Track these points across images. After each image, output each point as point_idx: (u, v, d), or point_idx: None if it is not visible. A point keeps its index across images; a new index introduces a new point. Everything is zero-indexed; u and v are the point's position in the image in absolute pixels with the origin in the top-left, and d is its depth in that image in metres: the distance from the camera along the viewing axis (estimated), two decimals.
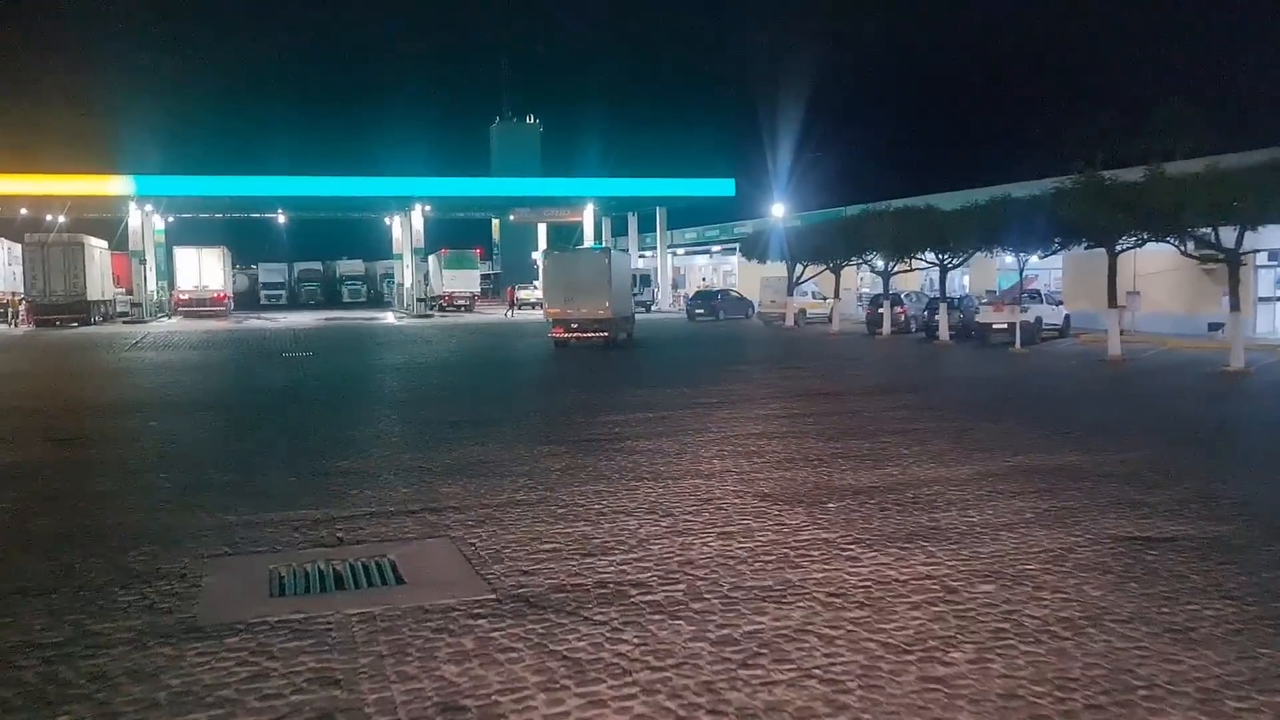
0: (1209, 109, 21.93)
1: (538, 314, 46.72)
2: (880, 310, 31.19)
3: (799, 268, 35.32)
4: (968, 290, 35.13)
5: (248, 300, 75.09)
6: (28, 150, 49.47)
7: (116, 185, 39.91)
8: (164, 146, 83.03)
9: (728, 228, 54.93)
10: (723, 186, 52.64)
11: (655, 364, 23.13)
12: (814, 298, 38.62)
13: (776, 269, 40.93)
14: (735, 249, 55.80)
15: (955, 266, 27.78)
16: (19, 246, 39.10)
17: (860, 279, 43.56)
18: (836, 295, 34.00)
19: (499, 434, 12.09)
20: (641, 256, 60.37)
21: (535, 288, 62.68)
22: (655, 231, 58.01)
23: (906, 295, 32.06)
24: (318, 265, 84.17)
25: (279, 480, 9.45)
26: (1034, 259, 26.71)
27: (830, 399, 15.29)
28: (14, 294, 39.32)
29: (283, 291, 78.31)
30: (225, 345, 30.04)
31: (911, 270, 31.41)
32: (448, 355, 26.15)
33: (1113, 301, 21.17)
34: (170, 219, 53.72)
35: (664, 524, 7.55)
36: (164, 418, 14.26)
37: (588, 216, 53.23)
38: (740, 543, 7.00)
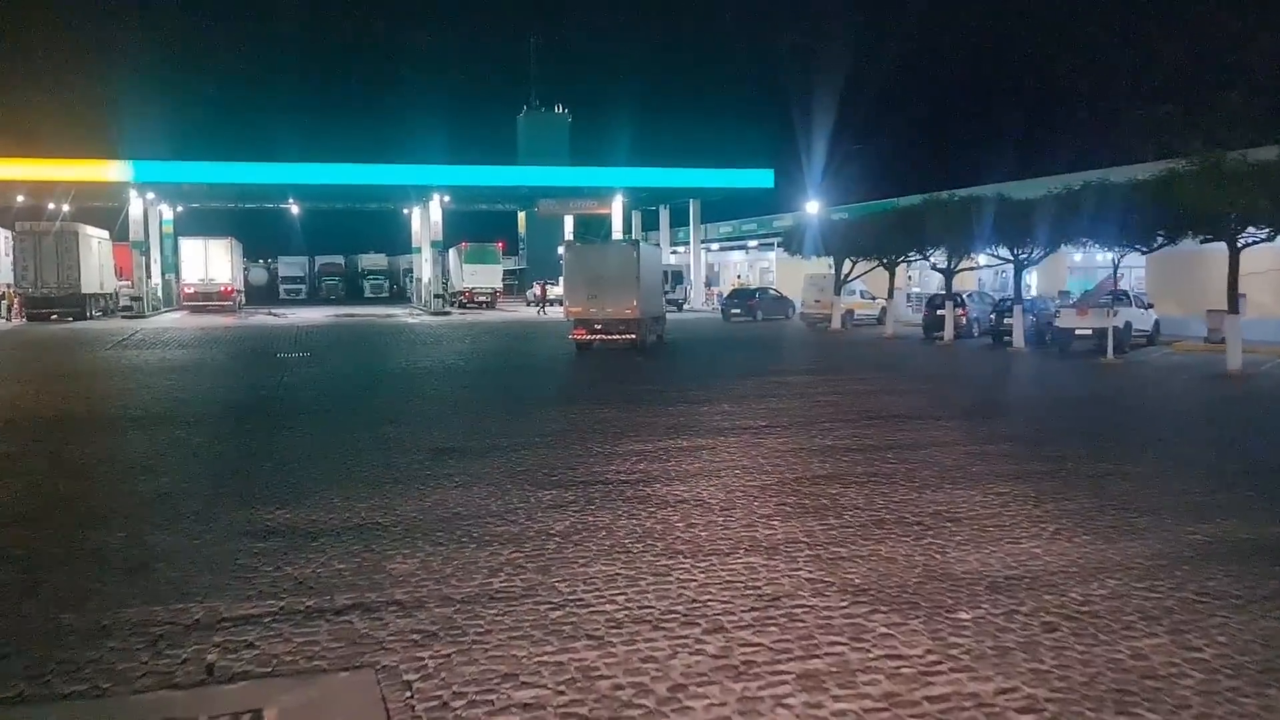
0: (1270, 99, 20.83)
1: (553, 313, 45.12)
2: (940, 312, 28.32)
3: (847, 264, 32.46)
4: (1034, 290, 32.14)
5: (267, 295, 73.59)
6: (24, 134, 47.65)
7: (114, 171, 37.95)
8: (169, 131, 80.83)
9: (766, 221, 52.25)
10: (761, 177, 49.93)
11: (689, 373, 20.48)
12: (862, 297, 35.78)
13: (820, 265, 38.17)
14: (773, 244, 53.17)
15: (1036, 262, 24.83)
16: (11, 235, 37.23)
17: (909, 278, 40.62)
18: (890, 295, 31.14)
19: (492, 469, 9.55)
20: (673, 252, 57.75)
21: (548, 284, 60.44)
22: (687, 225, 55.43)
23: (969, 296, 29.11)
24: (339, 259, 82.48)
25: (170, 544, 6.95)
26: (1112, 255, 23.74)
27: (907, 425, 12.57)
28: (7, 285, 37.45)
29: (302, 286, 76.65)
30: (216, 344, 27.81)
31: (977, 268, 28.52)
32: (455, 359, 23.69)
33: (1234, 306, 18.21)
34: (179, 209, 51.89)
35: (710, 649, 4.94)
36: (82, 436, 11.89)
37: (616, 209, 50.65)
38: (836, 698, 4.37)
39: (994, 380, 19.31)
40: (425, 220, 49.73)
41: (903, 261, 30.43)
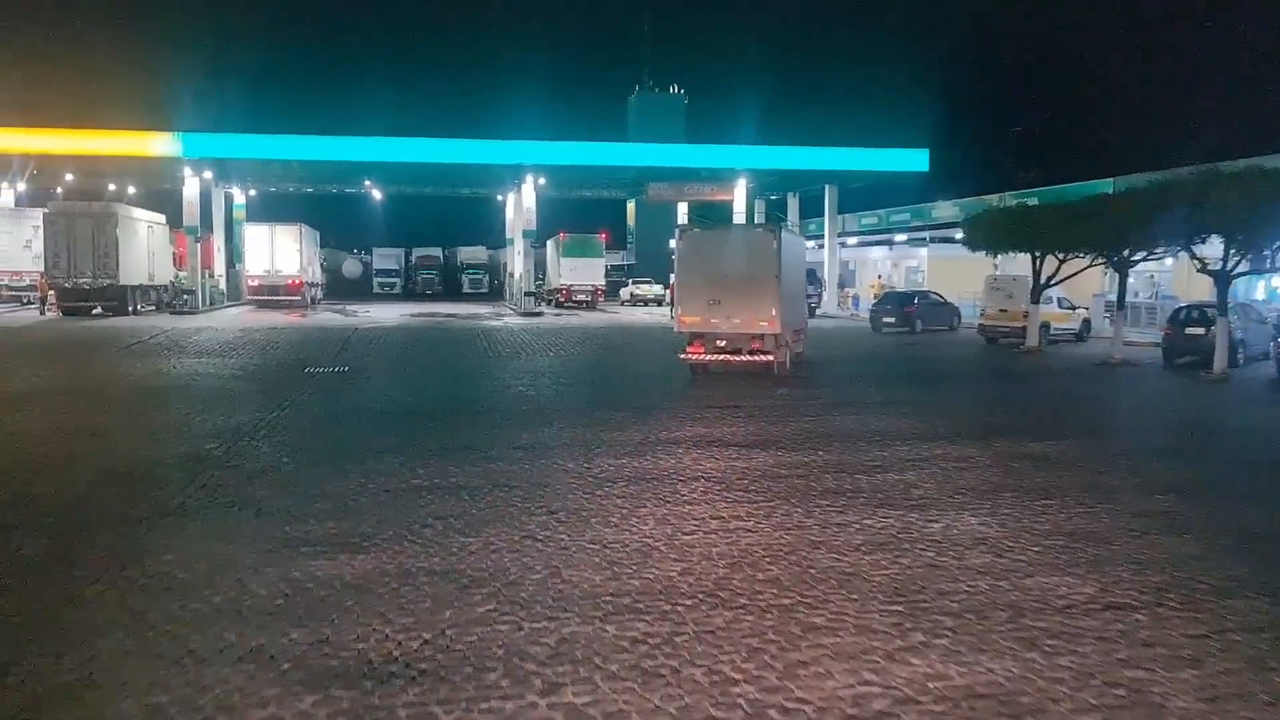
0: None
1: (658, 314, 38.60)
2: (1195, 331, 20.95)
3: (1048, 263, 25.09)
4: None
5: (362, 288, 70.18)
6: (73, 106, 44.19)
7: (160, 144, 33.63)
8: (234, 105, 77.24)
9: (922, 210, 44.86)
10: (912, 159, 42.64)
11: (865, 427, 13.92)
12: (1060, 307, 28.35)
13: (1000, 265, 30.92)
14: (925, 238, 45.83)
15: None
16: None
17: (1107, 281, 32.78)
18: (1121, 303, 23.66)
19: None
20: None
21: (650, 283, 54.30)
22: (819, 218, 48.52)
23: (1233, 307, 21.42)
24: (436, 252, 78.53)
25: None
26: None
27: None
28: (40, 275, 33.57)
29: (397, 280, 72.97)
30: (239, 353, 22.70)
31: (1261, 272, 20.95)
32: (527, 383, 17.76)
33: None
34: (251, 193, 47.93)
35: None
36: None
37: (739, 195, 44.16)
38: None
39: None
40: (518, 206, 44.28)
41: (1152, 257, 22.91)
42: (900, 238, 47.39)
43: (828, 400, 16.00)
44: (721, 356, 18.75)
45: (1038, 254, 24.95)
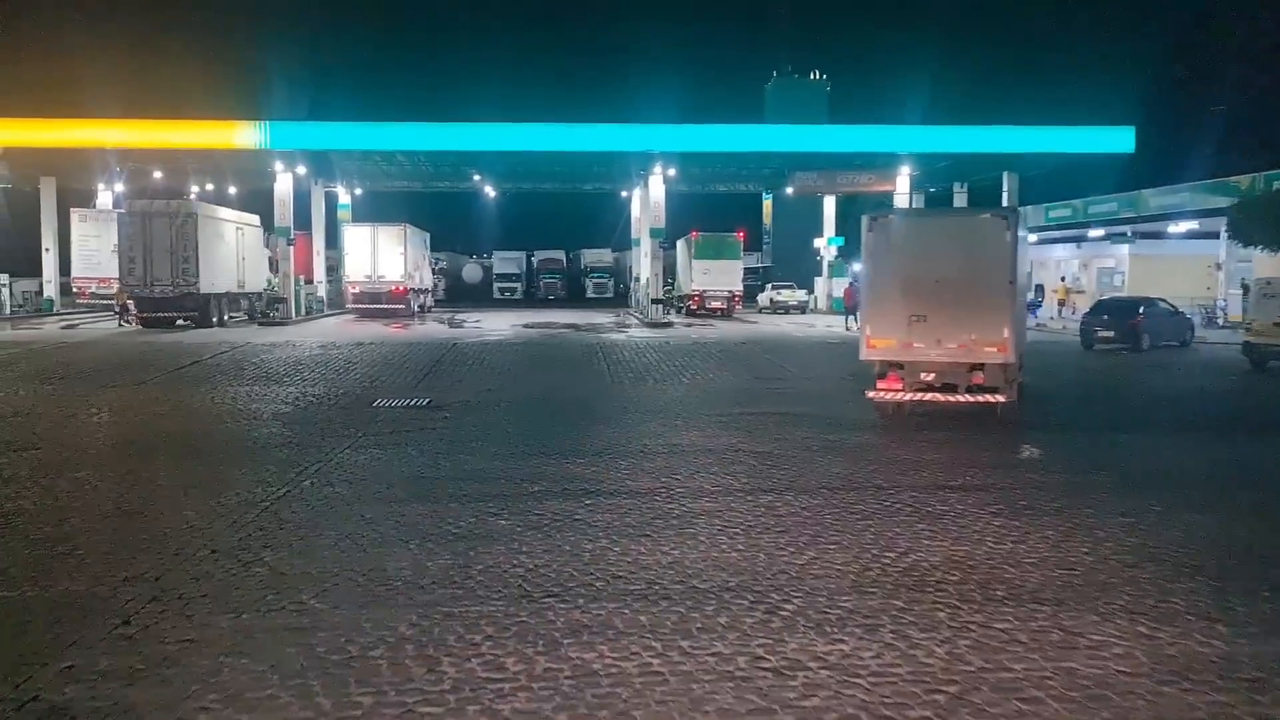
0: None
1: (803, 324, 34.34)
2: None
3: None
4: None
5: (482, 293, 67.72)
6: (157, 95, 41.99)
7: (244, 135, 30.47)
8: (328, 91, 74.35)
9: (1135, 199, 38.12)
10: (1114, 138, 35.97)
11: (1226, 536, 8.59)
12: None
13: (1191, 264, 24.51)
14: (1126, 233, 39.05)
15: None
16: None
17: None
18: None
19: None
20: None
21: (793, 288, 48.77)
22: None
23: None
24: (559, 254, 75.27)
25: None
26: None
27: None
28: (118, 282, 30.97)
29: (518, 285, 70.05)
30: (312, 374, 18.82)
31: None
32: (655, 433, 13.02)
33: None
34: (357, 191, 44.95)
35: None
36: None
37: (901, 185, 38.51)
38: None
39: None
40: (644, 202, 39.76)
41: None
42: (1096, 233, 40.54)
43: (1114, 472, 10.63)
44: (927, 395, 13.55)
45: None
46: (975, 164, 38.88)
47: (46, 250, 37.14)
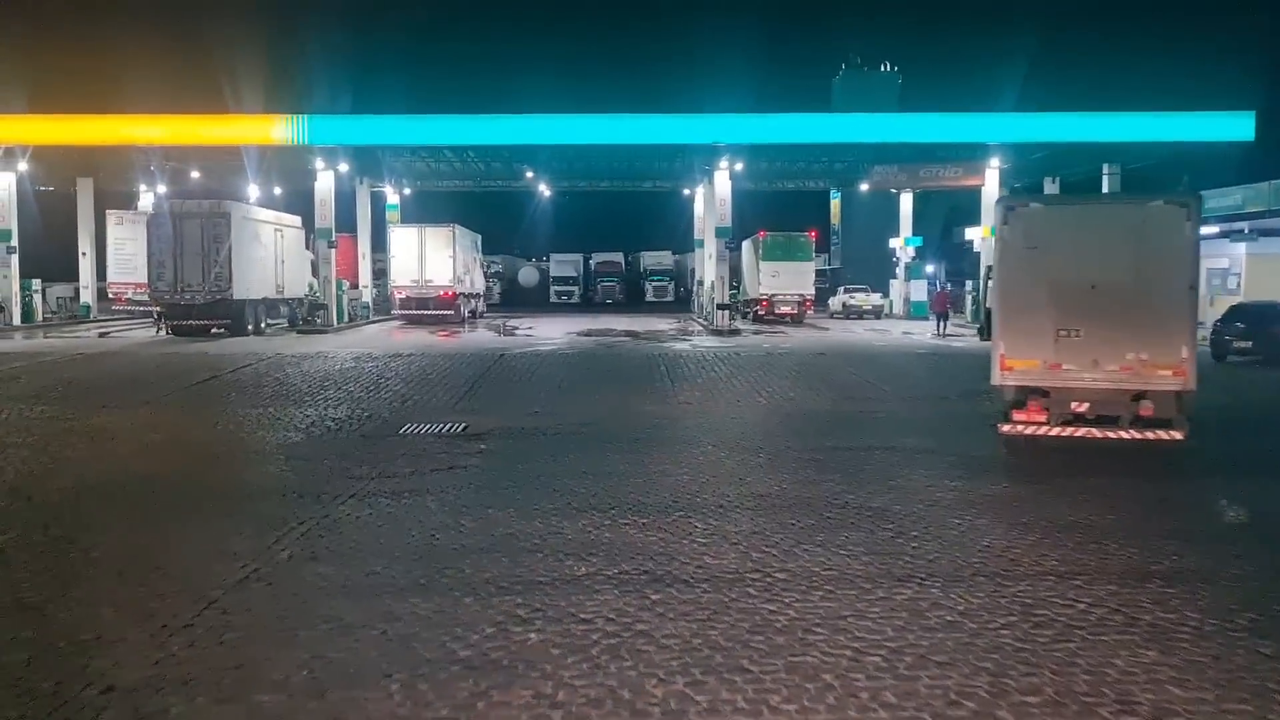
0: None
1: (880, 329, 29.52)
2: None
3: None
4: None
5: (539, 297, 65.97)
6: (192, 89, 40.41)
7: (281, 129, 28.54)
8: (371, 84, 71.96)
9: (1259, 190, 34.54)
10: (1231, 125, 32.51)
11: None
12: None
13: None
14: (1243, 230, 35.37)
15: None
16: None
17: None
18: None
19: None
20: None
21: (867, 291, 45.75)
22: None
23: None
24: (617, 257, 72.97)
25: None
26: None
27: None
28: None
29: (575, 288, 68.00)
30: (339, 392, 16.63)
31: None
32: (732, 478, 10.44)
33: None
34: (406, 191, 43.04)
35: None
36: None
37: (990, 180, 35.41)
38: None
39: None
40: (709, 200, 37.19)
41: None
42: (1208, 229, 36.83)
43: None
44: (1079, 431, 10.81)
45: None
46: (1073, 156, 35.57)
47: (83, 254, 35.80)
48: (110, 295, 36.14)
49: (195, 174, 35.79)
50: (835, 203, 67.73)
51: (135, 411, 15.09)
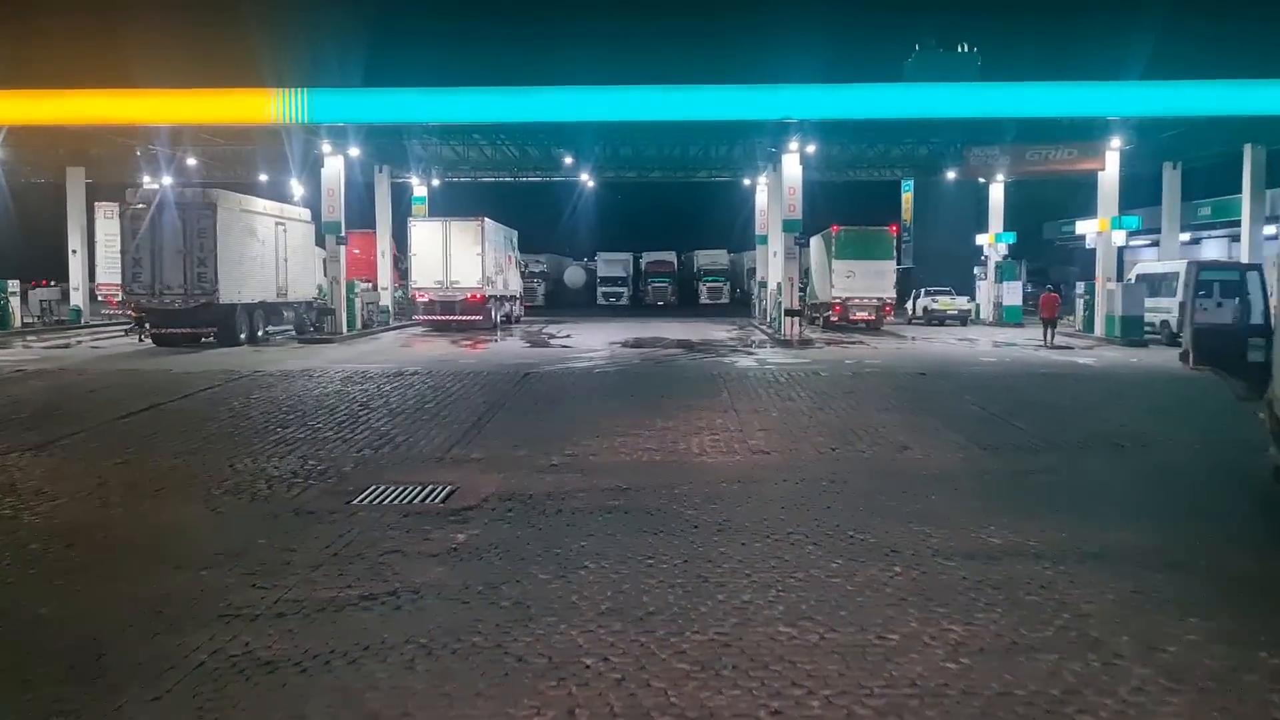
0: None
1: (969, 337, 24.09)
2: None
3: None
4: None
5: (586, 299, 62.53)
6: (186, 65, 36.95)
7: (274, 106, 24.69)
8: (388, 56, 68.04)
9: None
10: None
11: None
12: None
13: None
14: None
15: None
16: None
17: None
18: None
19: None
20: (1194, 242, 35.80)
21: (950, 294, 40.96)
22: (1220, 197, 33.81)
23: None
24: (669, 256, 69.23)
25: None
26: None
27: None
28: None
29: (624, 289, 64.51)
30: (307, 427, 12.66)
31: None
32: (834, 594, 6.08)
33: None
34: (434, 182, 39.22)
35: None
36: None
37: (1110, 163, 30.57)
38: None
39: None
40: (774, 189, 32.86)
41: None
42: None
43: None
44: None
45: None
46: (1210, 133, 30.57)
47: (73, 252, 32.58)
48: (100, 297, 32.94)
49: (197, 163, 32.35)
50: (907, 195, 62.94)
51: (23, 457, 11.22)
